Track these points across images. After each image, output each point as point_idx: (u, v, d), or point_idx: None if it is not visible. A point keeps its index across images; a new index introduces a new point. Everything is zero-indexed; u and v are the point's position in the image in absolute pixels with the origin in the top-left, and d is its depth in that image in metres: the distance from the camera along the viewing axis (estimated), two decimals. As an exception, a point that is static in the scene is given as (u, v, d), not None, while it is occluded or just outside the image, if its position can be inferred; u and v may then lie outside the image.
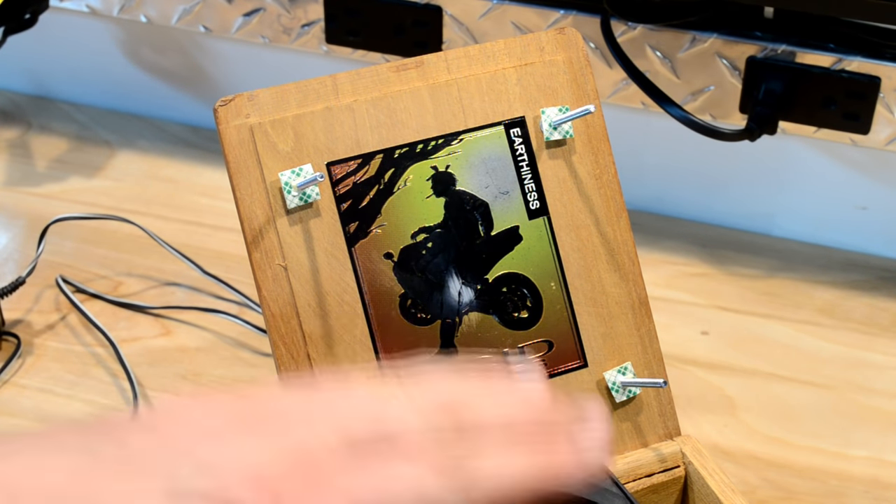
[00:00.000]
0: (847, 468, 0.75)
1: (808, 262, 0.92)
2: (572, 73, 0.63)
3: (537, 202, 0.62)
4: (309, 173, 0.58)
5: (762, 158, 0.93)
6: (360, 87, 0.60)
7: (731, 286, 0.89)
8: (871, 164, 0.91)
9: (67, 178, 0.99)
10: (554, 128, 0.62)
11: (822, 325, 0.86)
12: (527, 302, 0.61)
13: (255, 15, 0.97)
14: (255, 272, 0.58)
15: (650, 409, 0.63)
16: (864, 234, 0.93)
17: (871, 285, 0.90)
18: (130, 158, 1.01)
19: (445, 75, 0.61)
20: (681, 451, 0.62)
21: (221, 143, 0.58)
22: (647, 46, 0.88)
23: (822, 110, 0.86)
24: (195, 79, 1.05)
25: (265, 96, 0.59)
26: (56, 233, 0.90)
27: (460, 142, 0.61)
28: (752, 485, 0.74)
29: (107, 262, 0.89)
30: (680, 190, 0.96)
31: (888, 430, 0.78)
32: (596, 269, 0.62)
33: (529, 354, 0.60)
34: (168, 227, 0.92)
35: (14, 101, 1.08)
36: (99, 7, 1.01)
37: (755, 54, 0.86)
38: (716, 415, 0.78)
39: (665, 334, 0.66)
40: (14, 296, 0.84)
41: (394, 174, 0.60)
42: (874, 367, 0.83)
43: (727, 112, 0.89)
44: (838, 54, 0.84)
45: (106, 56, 1.06)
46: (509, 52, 0.62)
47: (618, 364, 0.62)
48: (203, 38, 1.03)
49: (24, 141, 1.03)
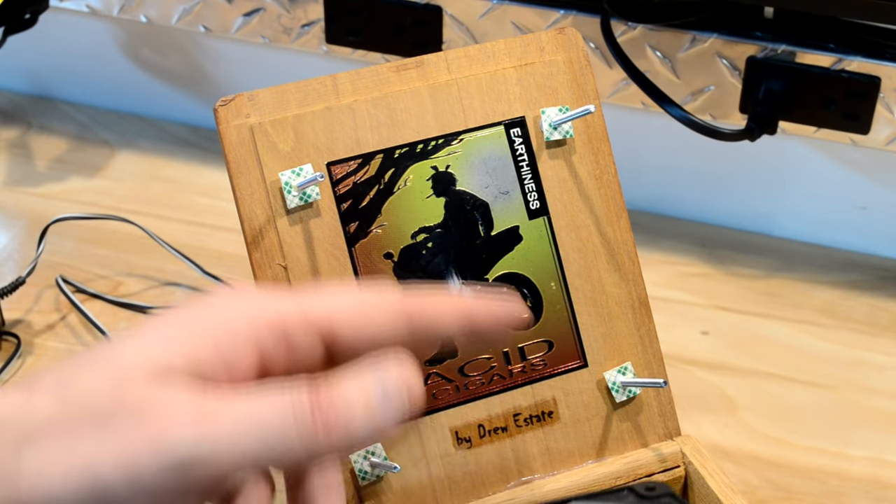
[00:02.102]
0: (847, 468, 0.75)
1: (808, 262, 0.92)
2: (572, 73, 0.63)
3: (537, 202, 0.62)
4: (309, 173, 0.58)
5: (762, 158, 0.93)
6: (360, 87, 0.60)
7: (731, 286, 0.89)
8: (871, 164, 0.91)
9: (67, 178, 0.99)
10: (554, 128, 0.62)
11: (822, 325, 0.86)
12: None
13: (255, 15, 0.97)
14: (256, 272, 0.58)
15: (650, 409, 0.63)
16: (864, 234, 0.93)
17: (871, 285, 0.90)
18: (130, 158, 1.01)
19: (445, 75, 0.61)
20: (681, 451, 0.62)
21: (221, 143, 0.58)
22: (647, 46, 0.88)
23: (822, 110, 0.86)
24: (195, 79, 1.05)
25: (265, 96, 0.59)
26: (56, 233, 0.90)
27: (460, 142, 0.61)
28: (752, 485, 0.74)
29: (107, 262, 0.89)
30: (680, 190, 0.96)
31: (888, 430, 0.78)
32: (596, 269, 0.62)
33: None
34: (168, 227, 0.92)
35: (14, 101, 1.08)
36: (99, 7, 1.01)
37: (755, 54, 0.86)
38: (716, 415, 0.78)
39: (665, 334, 0.66)
40: (14, 296, 0.84)
41: (394, 174, 0.60)
42: (874, 367, 0.83)
43: (727, 112, 0.89)
44: (838, 54, 0.84)
45: (106, 56, 1.06)
46: (509, 52, 0.62)
47: (618, 364, 0.62)
48: (203, 38, 1.03)
49: (24, 141, 1.03)
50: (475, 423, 0.60)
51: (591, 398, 0.62)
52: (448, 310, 0.46)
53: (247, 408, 0.41)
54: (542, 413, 0.61)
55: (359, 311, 0.45)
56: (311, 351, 0.45)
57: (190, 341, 0.43)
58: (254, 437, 0.41)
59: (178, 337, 0.43)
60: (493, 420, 0.60)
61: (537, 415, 0.61)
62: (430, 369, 0.60)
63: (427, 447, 0.59)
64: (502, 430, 0.61)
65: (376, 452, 0.58)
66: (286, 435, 0.41)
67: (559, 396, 0.61)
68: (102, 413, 0.41)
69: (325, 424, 0.41)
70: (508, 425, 0.61)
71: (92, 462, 0.40)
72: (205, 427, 0.41)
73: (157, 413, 0.41)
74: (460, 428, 0.60)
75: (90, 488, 0.40)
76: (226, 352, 0.43)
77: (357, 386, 0.42)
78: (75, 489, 0.40)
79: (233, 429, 0.41)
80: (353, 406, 0.42)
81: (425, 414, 0.59)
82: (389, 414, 0.42)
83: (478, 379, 0.60)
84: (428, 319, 0.46)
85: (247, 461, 0.41)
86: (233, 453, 0.41)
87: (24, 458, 0.41)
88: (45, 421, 0.41)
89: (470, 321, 0.46)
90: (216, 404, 0.41)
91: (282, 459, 0.41)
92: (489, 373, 0.60)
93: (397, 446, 0.59)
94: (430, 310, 0.46)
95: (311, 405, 0.41)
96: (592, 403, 0.62)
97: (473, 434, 0.60)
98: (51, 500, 0.40)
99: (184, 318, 0.44)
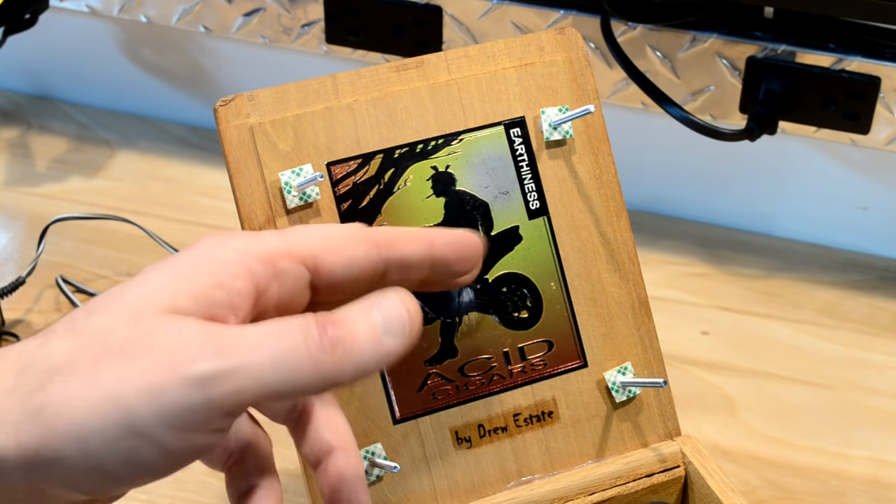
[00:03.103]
0: (847, 468, 0.75)
1: (808, 262, 0.92)
2: (572, 73, 0.63)
3: (537, 202, 0.62)
4: (309, 173, 0.58)
5: (762, 158, 0.93)
6: (360, 87, 0.60)
7: (731, 286, 0.89)
8: (871, 164, 0.91)
9: (67, 178, 0.99)
10: (554, 128, 0.62)
11: (822, 325, 0.86)
12: (527, 302, 0.61)
13: (255, 15, 0.97)
14: (255, 272, 0.58)
15: (650, 409, 0.63)
16: (864, 234, 0.93)
17: (871, 285, 0.90)
18: (130, 158, 1.01)
19: (445, 75, 0.61)
20: (681, 451, 0.62)
21: (221, 143, 0.58)
22: (647, 46, 0.88)
23: (822, 110, 0.86)
24: (195, 79, 1.05)
25: (265, 96, 0.59)
26: (56, 233, 0.90)
27: (460, 142, 0.61)
28: (752, 485, 0.74)
29: (107, 262, 0.89)
30: (680, 190, 0.96)
31: (888, 430, 0.78)
32: (596, 269, 0.62)
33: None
34: (168, 227, 0.92)
35: (14, 101, 1.08)
36: (99, 7, 1.01)
37: (755, 54, 0.86)
38: (716, 415, 0.78)
39: (665, 334, 0.66)
40: (14, 296, 0.84)
41: (394, 174, 0.60)
42: (874, 367, 0.83)
43: (727, 112, 0.89)
44: (838, 54, 0.84)
45: (106, 56, 1.06)
46: (509, 52, 0.62)
47: (618, 364, 0.62)
48: (203, 38, 1.03)
49: (24, 141, 1.03)
50: (475, 423, 0.60)
51: (591, 398, 0.62)
52: (412, 237, 0.49)
53: (260, 334, 0.43)
54: (542, 413, 0.61)
55: (337, 241, 0.47)
56: (298, 284, 0.47)
57: (194, 280, 0.44)
58: (267, 362, 0.42)
59: (182, 277, 0.44)
60: (493, 420, 0.60)
61: (537, 415, 0.61)
62: (430, 369, 0.60)
63: (427, 447, 0.59)
64: (502, 430, 0.61)
65: (376, 452, 0.58)
66: (298, 359, 0.43)
67: (559, 396, 0.61)
68: (121, 347, 0.42)
69: (332, 348, 0.43)
70: (508, 425, 0.61)
71: (116, 391, 0.41)
72: (222, 352, 0.42)
73: (176, 342, 0.42)
74: (460, 428, 0.60)
75: (116, 416, 0.41)
76: (227, 287, 0.44)
77: (360, 312, 0.44)
78: (101, 418, 0.41)
79: (248, 353, 0.42)
80: (357, 330, 0.44)
81: (425, 414, 0.59)
82: (391, 337, 0.45)
83: (478, 379, 0.60)
84: (396, 247, 0.48)
85: (262, 387, 0.42)
86: (250, 378, 0.42)
87: (49, 393, 0.41)
88: (65, 358, 0.42)
89: (431, 246, 0.49)
90: (230, 331, 0.43)
91: (294, 386, 0.43)
92: (489, 373, 0.60)
93: (397, 446, 0.59)
94: (397, 238, 0.49)
95: (318, 330, 0.43)
96: (592, 403, 0.62)
97: (473, 434, 0.60)
98: (78, 431, 0.41)
99: (182, 262, 0.45)
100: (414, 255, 0.49)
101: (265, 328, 0.43)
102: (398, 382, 0.59)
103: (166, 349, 0.42)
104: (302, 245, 0.47)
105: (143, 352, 0.42)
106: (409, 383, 0.59)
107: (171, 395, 0.41)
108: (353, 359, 0.44)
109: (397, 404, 0.59)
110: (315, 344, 0.43)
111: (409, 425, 0.59)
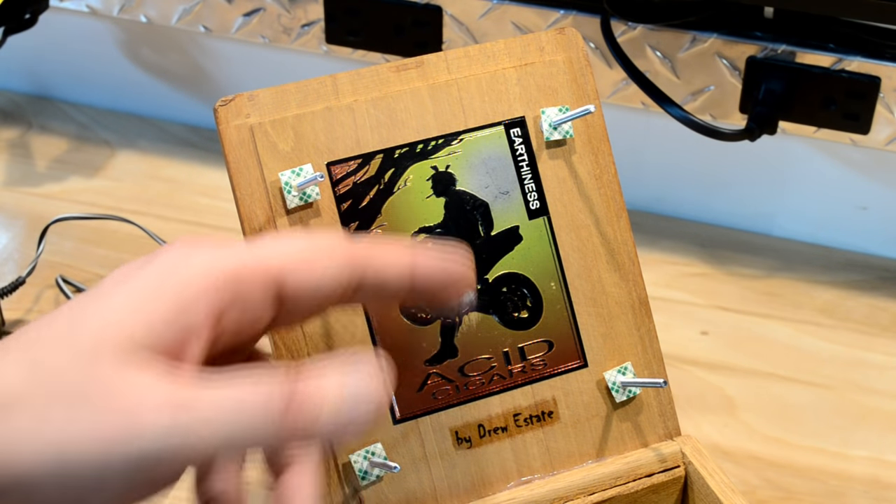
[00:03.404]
0: (847, 468, 0.75)
1: (808, 262, 0.92)
2: (572, 73, 0.63)
3: (537, 202, 0.62)
4: (309, 173, 0.58)
5: (762, 158, 0.93)
6: (360, 87, 0.60)
7: (731, 286, 0.89)
8: (871, 164, 0.91)
9: (67, 178, 0.99)
10: (554, 128, 0.62)
11: (822, 325, 0.86)
12: (527, 302, 0.61)
13: (255, 15, 0.97)
14: (255, 272, 0.58)
15: (650, 409, 0.63)
16: (864, 234, 0.93)
17: (871, 285, 0.90)
18: (130, 158, 1.01)
19: (445, 75, 0.61)
20: (681, 451, 0.62)
21: (221, 143, 0.58)
22: (647, 46, 0.88)
23: (822, 110, 0.86)
24: (195, 79, 1.05)
25: (265, 96, 0.59)
26: (56, 233, 0.90)
27: (460, 142, 0.61)
28: (752, 485, 0.74)
29: (107, 262, 0.89)
30: (680, 190, 0.96)
31: (888, 430, 0.78)
32: (596, 269, 0.62)
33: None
34: (168, 227, 0.92)
35: (14, 101, 1.08)
36: (99, 7, 1.01)
37: (755, 54, 0.86)
38: (716, 415, 0.78)
39: (665, 334, 0.66)
40: (14, 296, 0.84)
41: (394, 174, 0.60)
42: (874, 367, 0.83)
43: (727, 112, 0.89)
44: (838, 54, 0.84)
45: (106, 56, 1.06)
46: (509, 52, 0.62)
47: (618, 364, 0.62)
48: (203, 38, 1.03)
49: (24, 141, 1.03)
50: (475, 423, 0.60)
51: (591, 398, 0.62)
52: (393, 256, 0.47)
53: (219, 400, 0.42)
54: (542, 413, 0.61)
55: (311, 254, 0.46)
56: (265, 300, 0.46)
57: (154, 305, 0.43)
58: (222, 434, 0.41)
59: (142, 300, 0.43)
60: (493, 420, 0.60)
61: (537, 415, 0.61)
62: (431, 369, 0.60)
63: (427, 447, 0.59)
64: (502, 430, 0.61)
65: (376, 452, 0.58)
66: (254, 434, 0.42)
67: (559, 396, 0.61)
68: (73, 392, 0.41)
69: (293, 425, 0.42)
70: (508, 425, 0.61)
71: (62, 440, 0.40)
72: (177, 416, 0.41)
73: (130, 398, 0.41)
74: (460, 428, 0.60)
75: (59, 466, 0.40)
76: (189, 310, 0.43)
77: (330, 385, 0.43)
78: (44, 466, 0.40)
79: (204, 420, 0.41)
80: (322, 409, 0.43)
81: (425, 414, 0.59)
82: (356, 418, 0.43)
83: (478, 379, 0.60)
84: (373, 266, 0.47)
85: (219, 451, 0.41)
86: (205, 444, 0.41)
87: None
88: (15, 395, 0.41)
89: (413, 268, 0.47)
90: (189, 392, 0.42)
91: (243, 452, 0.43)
92: (489, 373, 0.60)
93: (397, 446, 0.59)
94: (377, 255, 0.47)
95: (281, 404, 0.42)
96: (592, 403, 0.62)
97: (473, 434, 0.60)
98: (20, 475, 0.40)
99: (143, 281, 0.44)
100: (391, 277, 0.47)
101: (225, 394, 0.42)
102: (398, 382, 0.59)
103: (120, 405, 0.41)
104: (272, 259, 0.46)
105: (96, 403, 0.41)
106: (409, 383, 0.59)
107: (117, 462, 0.40)
108: (312, 433, 0.43)
109: (397, 404, 0.59)
110: (274, 421, 0.42)
111: (409, 425, 0.59)
